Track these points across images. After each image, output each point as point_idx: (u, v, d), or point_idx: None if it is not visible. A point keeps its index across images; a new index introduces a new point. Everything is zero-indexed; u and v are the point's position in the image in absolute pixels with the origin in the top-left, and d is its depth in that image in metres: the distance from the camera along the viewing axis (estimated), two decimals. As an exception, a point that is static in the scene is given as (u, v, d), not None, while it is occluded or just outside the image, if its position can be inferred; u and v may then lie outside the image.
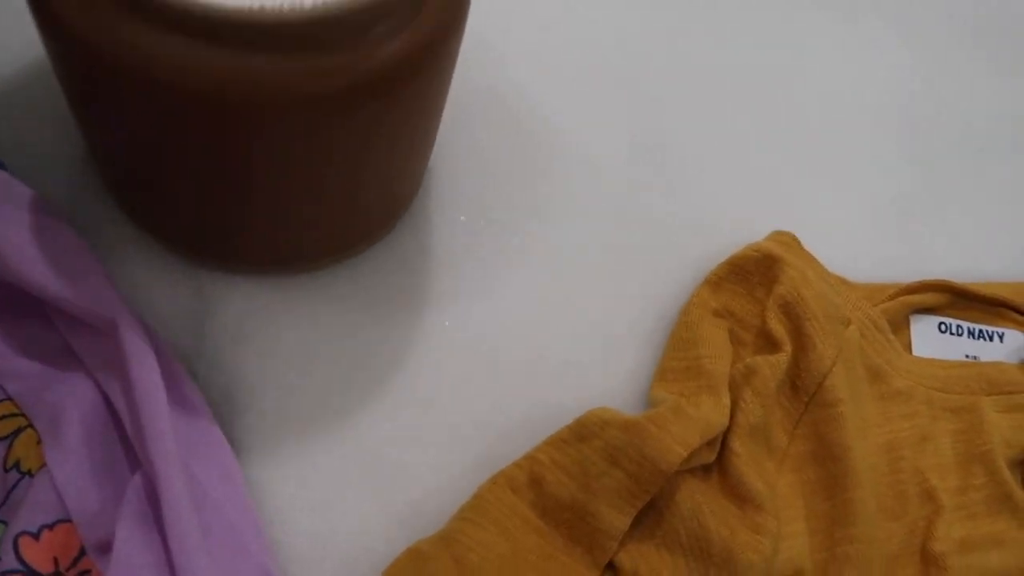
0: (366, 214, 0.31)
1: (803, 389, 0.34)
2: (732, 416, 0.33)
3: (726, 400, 0.33)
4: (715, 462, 0.32)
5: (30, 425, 0.28)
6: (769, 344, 0.35)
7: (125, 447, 0.27)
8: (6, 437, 0.27)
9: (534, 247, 0.37)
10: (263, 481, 0.30)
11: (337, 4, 0.20)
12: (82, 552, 0.26)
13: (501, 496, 0.30)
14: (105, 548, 0.26)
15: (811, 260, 0.38)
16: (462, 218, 0.36)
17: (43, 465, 0.27)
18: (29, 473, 0.27)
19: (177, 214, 0.29)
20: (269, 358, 0.32)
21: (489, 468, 0.31)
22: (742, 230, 0.39)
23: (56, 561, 0.25)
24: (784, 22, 0.48)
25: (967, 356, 0.39)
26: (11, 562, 0.25)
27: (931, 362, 0.38)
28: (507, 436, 0.32)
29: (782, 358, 0.34)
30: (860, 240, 0.42)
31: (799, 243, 0.39)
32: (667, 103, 0.43)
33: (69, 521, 0.26)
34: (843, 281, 0.39)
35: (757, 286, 0.37)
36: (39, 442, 0.27)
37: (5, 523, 0.26)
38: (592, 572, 0.29)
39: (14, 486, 0.27)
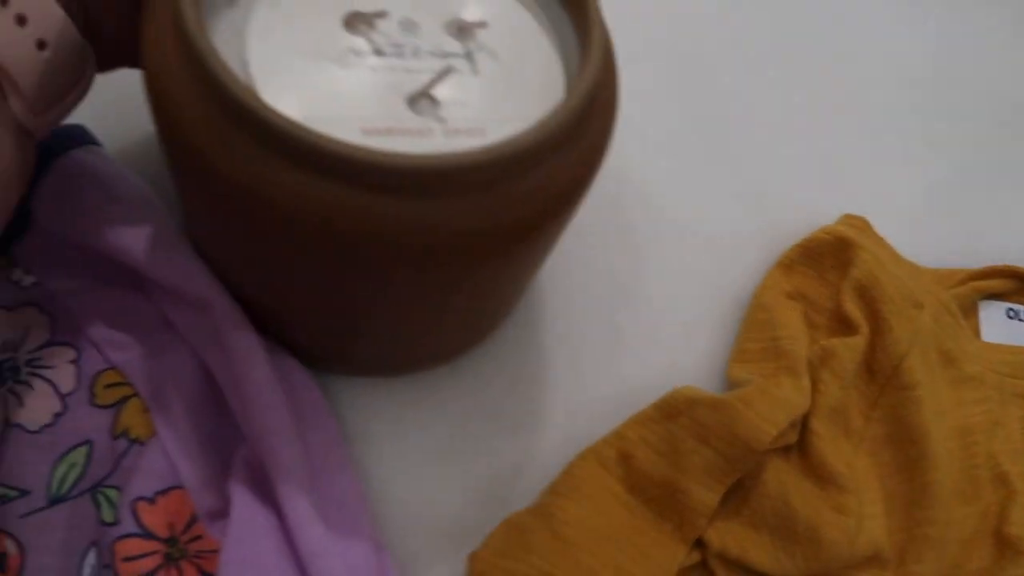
0: (484, 323, 0.31)
1: (879, 372, 0.35)
2: (812, 398, 0.33)
3: (806, 381, 0.33)
4: (796, 442, 0.32)
5: (136, 394, 0.28)
6: (844, 327, 0.36)
7: (229, 418, 0.28)
8: (113, 405, 0.28)
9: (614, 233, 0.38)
10: (356, 452, 0.30)
11: (499, 149, 0.20)
12: (194, 518, 0.26)
13: (592, 471, 0.30)
14: (215, 515, 0.26)
15: (883, 244, 0.38)
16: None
17: (153, 433, 0.27)
18: (139, 440, 0.27)
19: (291, 326, 0.28)
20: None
21: (575, 447, 0.32)
22: (809, 213, 0.39)
23: (171, 526, 0.26)
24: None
25: (1036, 342, 0.39)
26: (130, 526, 0.25)
27: (1000, 348, 0.38)
28: (590, 415, 0.33)
29: (859, 341, 0.34)
30: (921, 223, 0.42)
31: (871, 227, 0.39)
32: (732, 85, 0.43)
33: (181, 488, 0.26)
34: (914, 265, 0.39)
35: (830, 269, 0.37)
36: (146, 410, 0.28)
37: (118, 488, 0.27)
38: (681, 547, 0.30)
39: (124, 453, 0.27)
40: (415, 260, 0.22)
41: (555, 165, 0.22)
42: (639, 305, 0.36)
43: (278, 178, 0.20)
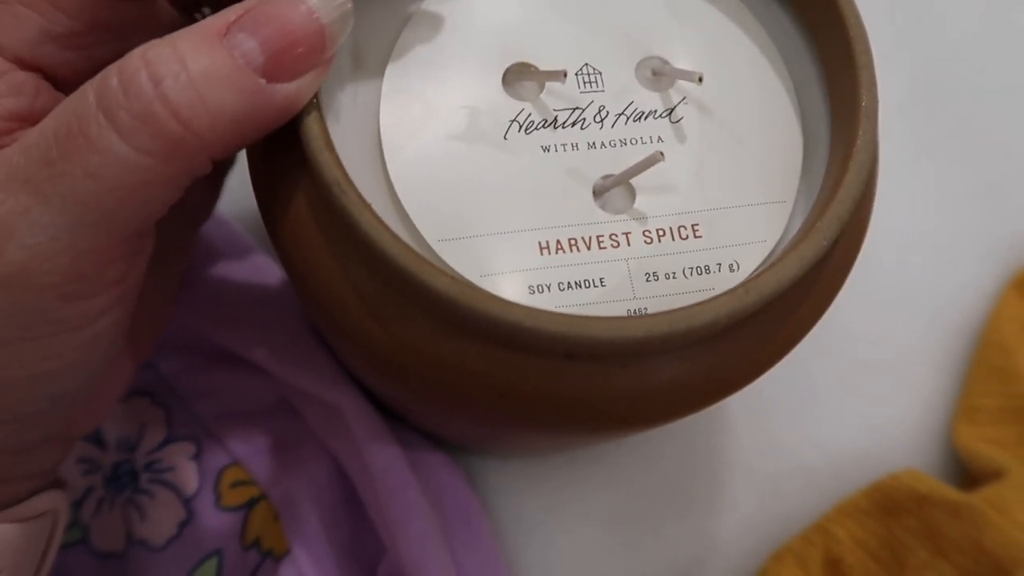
0: None
1: None
2: (1070, 475, 0.26)
3: (1063, 455, 0.26)
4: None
5: (264, 495, 0.25)
6: (1105, 371, 0.28)
7: (368, 525, 0.24)
8: (240, 507, 0.25)
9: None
10: (510, 543, 0.27)
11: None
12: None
13: (792, 580, 0.25)
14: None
15: None
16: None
17: (287, 550, 0.24)
18: (272, 555, 0.24)
19: (442, 434, 0.24)
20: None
21: (762, 534, 0.27)
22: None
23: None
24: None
25: None
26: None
27: None
28: (780, 493, 0.27)
29: None
30: None
31: None
32: (969, 44, 0.34)
33: (321, 616, 0.23)
34: None
35: (1085, 291, 0.29)
36: (276, 518, 0.24)
37: (251, 610, 0.24)
38: (905, 675, 0.25)
39: (257, 568, 0.24)
40: (609, 429, 0.16)
41: (801, 299, 0.16)
42: (837, 345, 0.30)
43: (438, 345, 0.15)
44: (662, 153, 0.16)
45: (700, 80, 0.17)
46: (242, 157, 0.18)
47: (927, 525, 0.24)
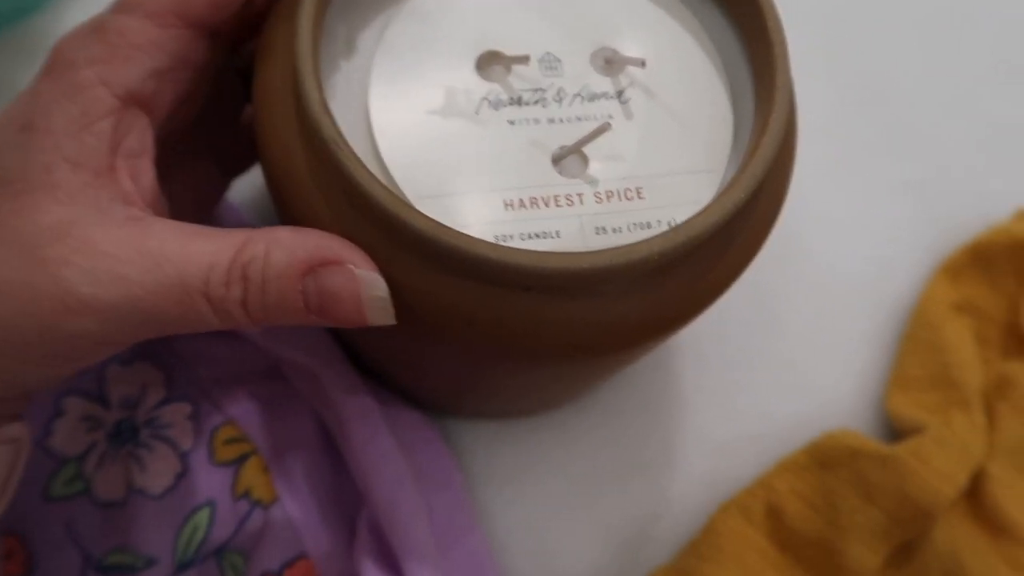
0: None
1: (1068, 401, 0.30)
2: (988, 435, 0.29)
3: (980, 417, 0.29)
4: (968, 489, 0.29)
5: (255, 451, 0.27)
6: (1021, 346, 0.31)
7: (350, 479, 0.26)
8: (233, 462, 0.27)
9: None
10: (481, 501, 0.29)
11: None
12: (323, 590, 0.25)
13: (737, 528, 0.27)
14: (344, 586, 0.25)
15: (1072, 244, 0.33)
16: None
17: (275, 498, 0.26)
18: (261, 504, 0.26)
19: (412, 387, 0.27)
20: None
21: (714, 490, 0.29)
22: (982, 207, 0.34)
23: (300, 601, 0.25)
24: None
25: None
26: (259, 604, 0.24)
27: None
28: (731, 454, 0.30)
29: (1044, 367, 0.30)
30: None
31: (1056, 223, 0.33)
32: (893, 51, 0.37)
33: (307, 557, 0.25)
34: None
35: (1004, 276, 0.33)
36: (266, 470, 0.27)
37: (241, 554, 0.26)
38: (839, 613, 0.27)
39: (246, 516, 0.26)
40: (565, 356, 0.19)
41: (726, 245, 0.19)
42: (781, 322, 0.32)
43: (414, 278, 0.18)
44: (609, 123, 0.19)
45: (643, 65, 0.20)
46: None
47: (858, 475, 0.27)
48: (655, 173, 0.20)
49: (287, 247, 0.17)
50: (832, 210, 0.34)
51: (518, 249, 0.17)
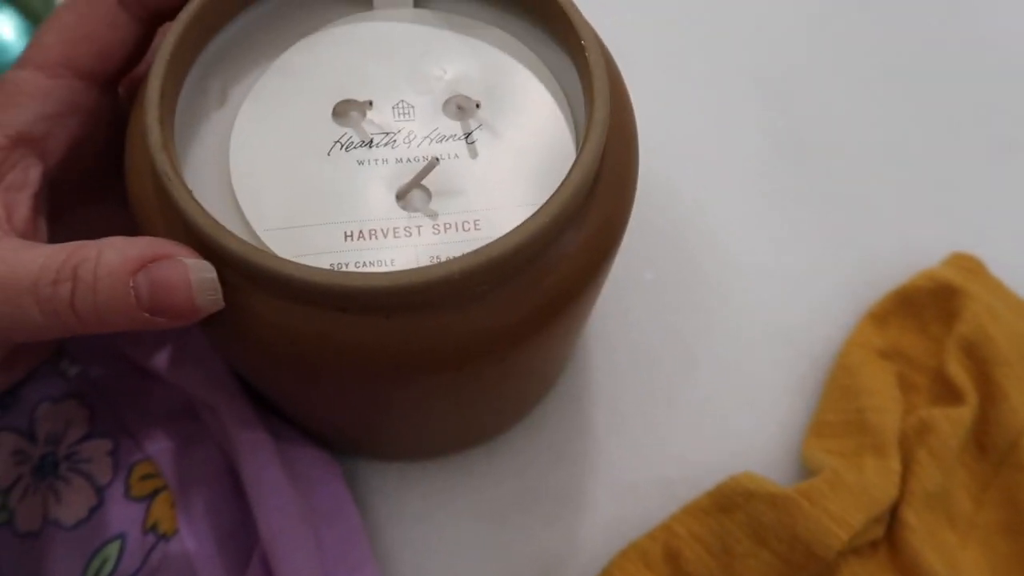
0: (518, 406, 0.29)
1: (993, 448, 0.29)
2: (904, 482, 0.28)
3: (895, 463, 0.28)
4: (884, 536, 0.28)
5: (167, 487, 0.28)
6: (948, 393, 0.31)
7: (250, 516, 0.27)
8: (146, 497, 0.28)
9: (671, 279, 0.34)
10: (387, 542, 0.29)
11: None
12: (212, 621, 0.26)
13: (634, 572, 0.27)
14: (233, 618, 0.26)
15: (1000, 290, 0.33)
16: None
17: (176, 531, 0.27)
18: (165, 536, 0.27)
19: (310, 424, 0.28)
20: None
21: (623, 536, 0.29)
22: (912, 252, 0.34)
23: (188, 631, 0.26)
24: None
25: None
26: (147, 632, 0.25)
27: None
28: (642, 499, 0.30)
29: (965, 412, 0.29)
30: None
31: (985, 269, 0.33)
32: (818, 103, 0.38)
33: (200, 589, 0.26)
34: (1042, 313, 0.33)
35: (932, 321, 0.32)
36: (173, 505, 0.28)
37: (145, 587, 0.27)
38: (737, 662, 0.26)
39: (152, 548, 0.27)
40: (408, 377, 0.20)
41: (557, 256, 0.20)
42: (702, 368, 0.33)
43: (240, 298, 0.19)
44: (438, 160, 0.21)
45: (478, 106, 0.22)
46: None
47: (751, 517, 0.27)
48: (492, 207, 0.21)
49: (119, 248, 0.18)
50: (757, 259, 0.35)
51: (324, 269, 0.18)
